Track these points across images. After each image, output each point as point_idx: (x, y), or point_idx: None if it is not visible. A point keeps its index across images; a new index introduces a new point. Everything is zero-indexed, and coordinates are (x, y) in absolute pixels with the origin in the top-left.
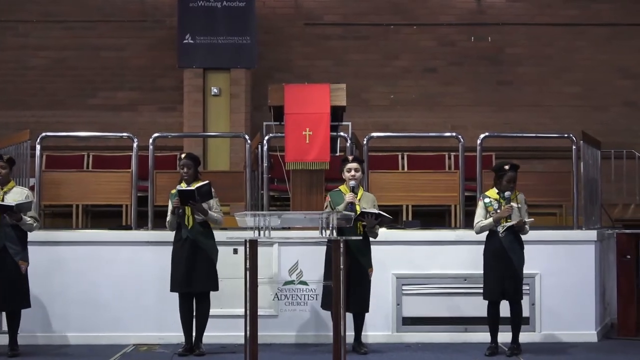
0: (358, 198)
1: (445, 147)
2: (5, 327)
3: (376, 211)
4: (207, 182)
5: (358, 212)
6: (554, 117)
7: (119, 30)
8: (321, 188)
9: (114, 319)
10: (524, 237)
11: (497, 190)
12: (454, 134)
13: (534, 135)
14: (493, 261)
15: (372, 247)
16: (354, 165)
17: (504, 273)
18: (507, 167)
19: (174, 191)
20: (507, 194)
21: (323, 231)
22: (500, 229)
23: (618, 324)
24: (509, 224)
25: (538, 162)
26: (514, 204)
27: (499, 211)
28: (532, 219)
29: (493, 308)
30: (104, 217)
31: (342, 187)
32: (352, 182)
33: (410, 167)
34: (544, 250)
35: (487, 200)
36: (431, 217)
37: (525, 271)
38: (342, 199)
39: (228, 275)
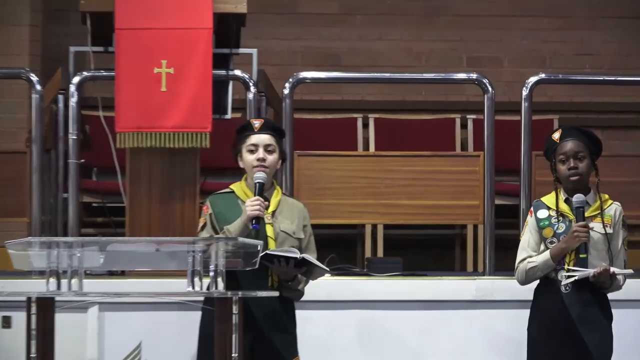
0: (271, 209)
1: (457, 103)
2: None
3: (293, 255)
4: None
5: (270, 235)
6: None
7: None
8: (194, 188)
9: None
10: (614, 296)
11: (561, 194)
12: (473, 75)
13: (638, 79)
14: (547, 342)
15: (297, 313)
16: (264, 138)
17: None
18: (556, 134)
19: None
20: (576, 198)
21: (194, 281)
22: (563, 279)
23: None
24: (580, 273)
25: None
26: (594, 226)
27: (564, 237)
28: (631, 271)
29: None
30: None
31: (238, 186)
32: (260, 175)
33: (383, 146)
34: None
35: (542, 214)
36: (426, 250)
37: None
38: (236, 209)
39: None
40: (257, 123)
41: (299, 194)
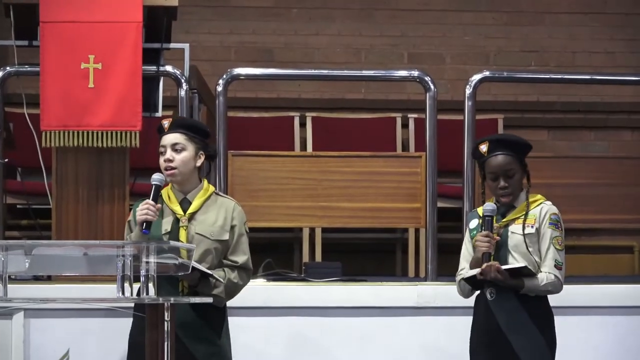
0: (191, 210)
1: (398, 101)
2: None
3: (198, 266)
4: None
5: (182, 239)
6: (628, 40)
7: None
8: (123, 189)
9: None
10: (562, 301)
11: (494, 199)
12: (414, 73)
13: (586, 77)
14: (480, 352)
15: (231, 320)
16: (171, 138)
17: None
18: (483, 146)
19: None
20: (486, 207)
21: (124, 286)
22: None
23: None
24: (469, 272)
25: (596, 134)
26: (514, 229)
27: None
28: (522, 264)
29: None
30: None
31: (165, 191)
32: (156, 177)
33: (321, 146)
34: (606, 326)
35: (473, 224)
36: (366, 254)
37: None
38: (159, 214)
39: None
40: (166, 123)
41: (233, 195)
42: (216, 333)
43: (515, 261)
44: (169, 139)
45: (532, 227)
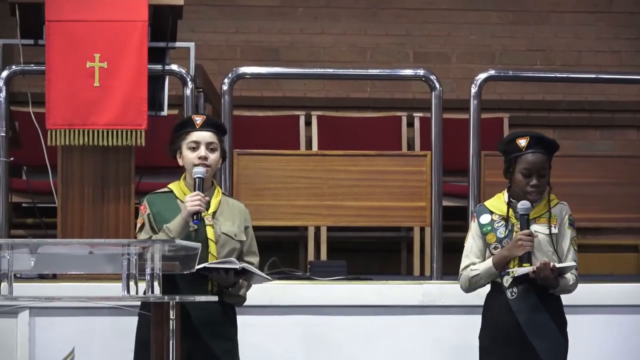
0: (212, 210)
1: (403, 100)
2: None
3: (232, 266)
4: None
5: (211, 237)
6: (634, 39)
7: None
8: (128, 187)
9: None
10: (568, 300)
11: (507, 197)
12: (420, 72)
13: (592, 76)
14: (496, 351)
15: (238, 318)
16: (206, 135)
17: None
18: (522, 140)
19: None
20: (521, 205)
21: (129, 285)
22: (506, 282)
23: None
24: (521, 270)
25: (602, 133)
26: (538, 228)
27: (506, 243)
28: (574, 263)
29: None
30: None
31: (176, 186)
32: (199, 169)
33: (326, 144)
34: (611, 324)
35: (485, 219)
36: (371, 253)
37: None
38: (175, 209)
39: None
40: (198, 119)
41: (238, 194)
42: (234, 330)
43: (537, 260)
44: (205, 136)
45: (555, 227)
